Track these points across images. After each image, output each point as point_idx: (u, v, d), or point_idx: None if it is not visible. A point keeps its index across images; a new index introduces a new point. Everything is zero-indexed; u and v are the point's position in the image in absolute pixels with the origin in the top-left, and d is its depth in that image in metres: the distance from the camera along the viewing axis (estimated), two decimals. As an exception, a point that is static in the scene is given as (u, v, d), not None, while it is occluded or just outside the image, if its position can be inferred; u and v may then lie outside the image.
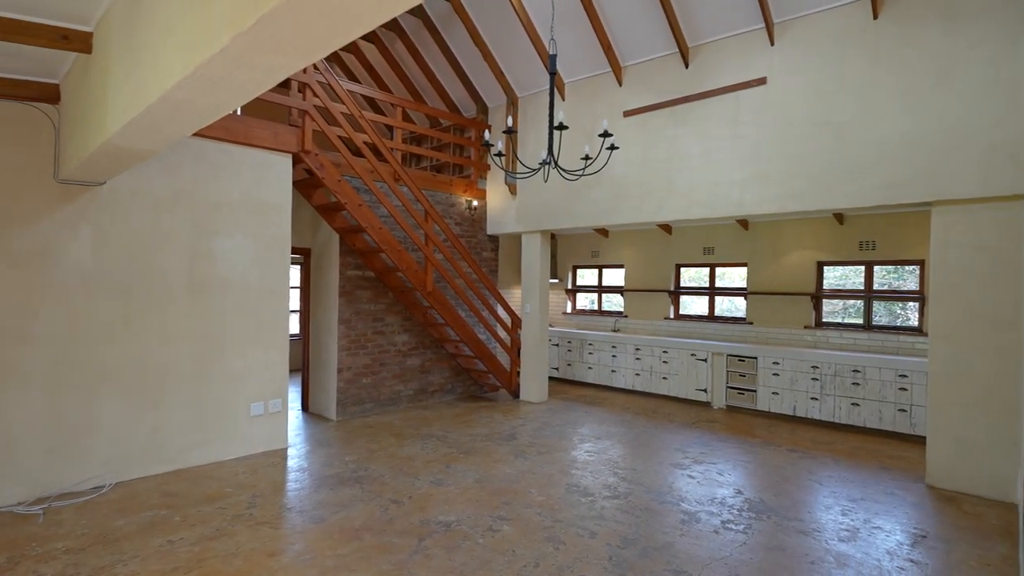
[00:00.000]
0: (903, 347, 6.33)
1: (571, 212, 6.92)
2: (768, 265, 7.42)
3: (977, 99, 4.28)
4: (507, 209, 7.70)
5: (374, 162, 5.81)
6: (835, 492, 4.34)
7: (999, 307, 4.22)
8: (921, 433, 5.68)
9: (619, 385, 8.17)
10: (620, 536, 3.52)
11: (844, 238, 6.81)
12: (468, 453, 5.16)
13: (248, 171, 5.03)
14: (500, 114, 7.81)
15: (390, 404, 6.80)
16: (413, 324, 7.02)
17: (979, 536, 3.58)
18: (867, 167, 4.76)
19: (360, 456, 5.02)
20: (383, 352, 6.72)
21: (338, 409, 6.28)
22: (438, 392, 7.36)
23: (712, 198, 5.72)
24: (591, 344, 8.51)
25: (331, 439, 5.56)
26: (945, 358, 4.47)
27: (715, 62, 5.73)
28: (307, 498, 4.07)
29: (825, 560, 3.25)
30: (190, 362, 4.65)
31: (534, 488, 4.32)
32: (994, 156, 4.20)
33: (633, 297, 8.81)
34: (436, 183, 7.36)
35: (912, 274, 6.56)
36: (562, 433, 5.92)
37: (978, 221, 4.33)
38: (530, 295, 7.45)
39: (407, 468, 4.72)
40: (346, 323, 6.34)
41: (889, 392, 5.92)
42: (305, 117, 5.36)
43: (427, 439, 5.59)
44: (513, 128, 4.15)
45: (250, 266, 5.02)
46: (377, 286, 6.64)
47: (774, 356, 6.72)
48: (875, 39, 4.76)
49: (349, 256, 6.37)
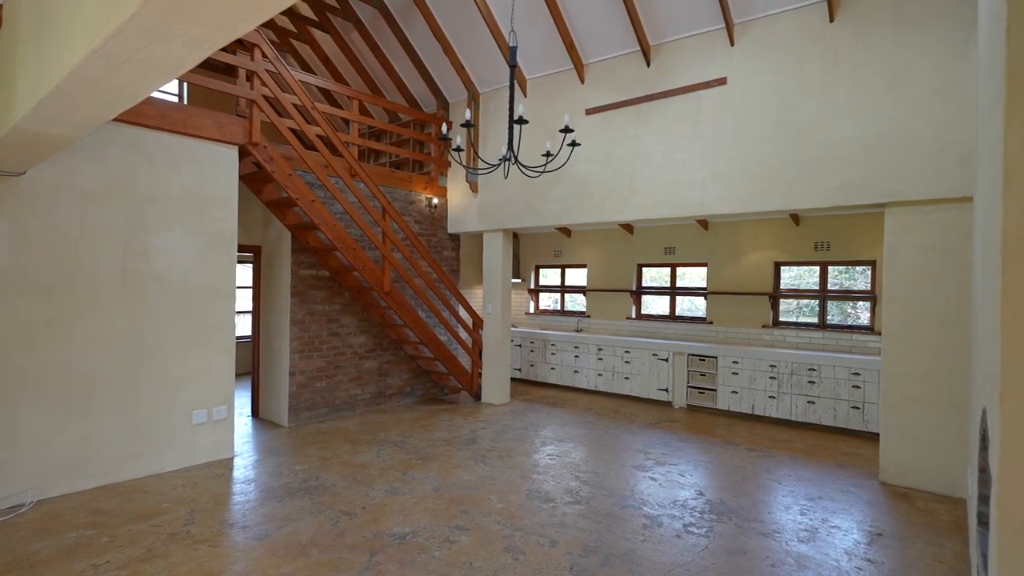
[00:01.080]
0: (856, 345, 6.47)
1: (534, 211, 6.81)
2: (728, 265, 7.49)
3: (927, 103, 4.37)
4: (468, 207, 7.54)
5: (328, 156, 5.56)
6: (793, 491, 4.36)
7: (949, 307, 4.32)
8: (873, 430, 5.81)
9: (582, 385, 8.12)
10: (581, 544, 3.41)
11: (800, 239, 6.93)
12: (426, 459, 4.98)
13: (190, 163, 4.71)
14: (461, 110, 7.63)
15: (346, 408, 6.54)
16: (371, 325, 6.78)
17: (932, 533, 3.63)
18: (825, 168, 4.81)
19: (312, 465, 4.78)
20: (339, 354, 6.45)
21: (290, 415, 5.99)
22: (397, 395, 7.13)
23: (674, 198, 5.70)
24: (554, 344, 8.43)
25: (282, 447, 5.28)
26: (898, 357, 4.55)
27: (676, 61, 5.72)
28: (252, 512, 3.81)
29: (785, 562, 3.22)
30: (123, 368, 4.32)
31: (494, 495, 4.18)
32: (944, 159, 4.29)
33: (596, 297, 8.78)
34: (395, 180, 7.13)
35: (862, 274, 6.72)
36: (524, 436, 5.80)
37: (929, 222, 4.42)
38: (492, 295, 7.31)
39: (361, 477, 4.51)
40: (299, 324, 6.05)
41: (843, 390, 6.04)
42: (253, 107, 5.07)
43: (384, 445, 5.38)
44: (472, 122, 3.99)
45: (191, 264, 4.71)
46: (332, 286, 6.38)
47: (734, 355, 6.77)
48: (832, 42, 4.81)
49: (302, 254, 6.09)
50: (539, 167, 4.58)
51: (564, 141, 4.05)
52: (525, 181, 6.83)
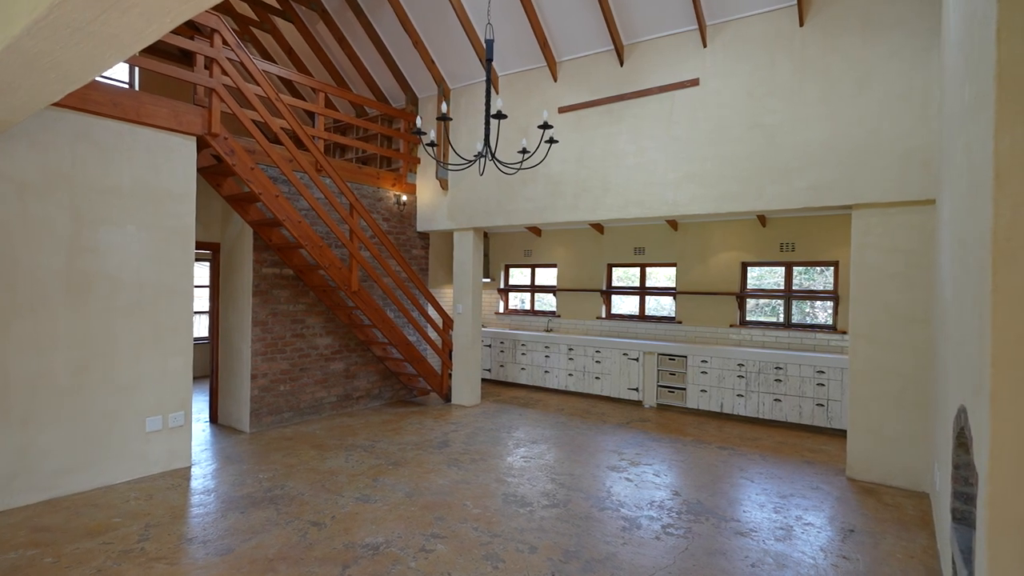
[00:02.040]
0: (819, 344, 6.63)
1: (505, 210, 6.72)
2: (696, 265, 7.57)
3: (893, 107, 4.48)
4: (438, 205, 7.38)
5: (293, 150, 5.33)
6: (766, 489, 4.40)
7: (913, 306, 4.44)
8: (836, 427, 5.95)
9: (552, 386, 8.07)
10: (561, 549, 3.34)
11: (766, 240, 7.06)
12: (397, 464, 4.82)
13: (143, 154, 4.42)
14: (431, 105, 7.48)
15: (311, 413, 6.30)
16: (337, 326, 6.55)
17: (901, 528, 3.71)
18: (795, 170, 4.89)
19: (276, 472, 4.55)
20: (303, 356, 6.21)
21: (252, 420, 5.72)
22: (364, 398, 6.92)
23: (647, 198, 5.70)
24: (524, 345, 8.35)
25: (243, 454, 5.03)
26: (865, 356, 4.65)
27: (650, 61, 5.72)
28: (213, 525, 3.59)
29: (764, 562, 3.23)
30: (68, 372, 4.01)
31: (469, 500, 4.06)
32: (909, 162, 4.41)
33: (566, 297, 8.75)
34: (362, 176, 6.91)
35: (820, 274, 6.89)
36: (496, 438, 5.70)
37: (894, 224, 4.54)
38: (462, 295, 7.18)
39: (330, 484, 4.32)
40: (262, 325, 5.79)
41: (808, 388, 6.17)
42: (212, 96, 4.80)
43: (352, 450, 5.19)
44: (447, 115, 3.87)
45: (145, 262, 4.42)
46: (297, 285, 6.13)
47: (703, 355, 6.84)
48: (801, 45, 4.89)
49: (265, 252, 5.83)
50: (515, 164, 4.49)
51: (543, 137, 3.97)
52: (497, 179, 6.73)
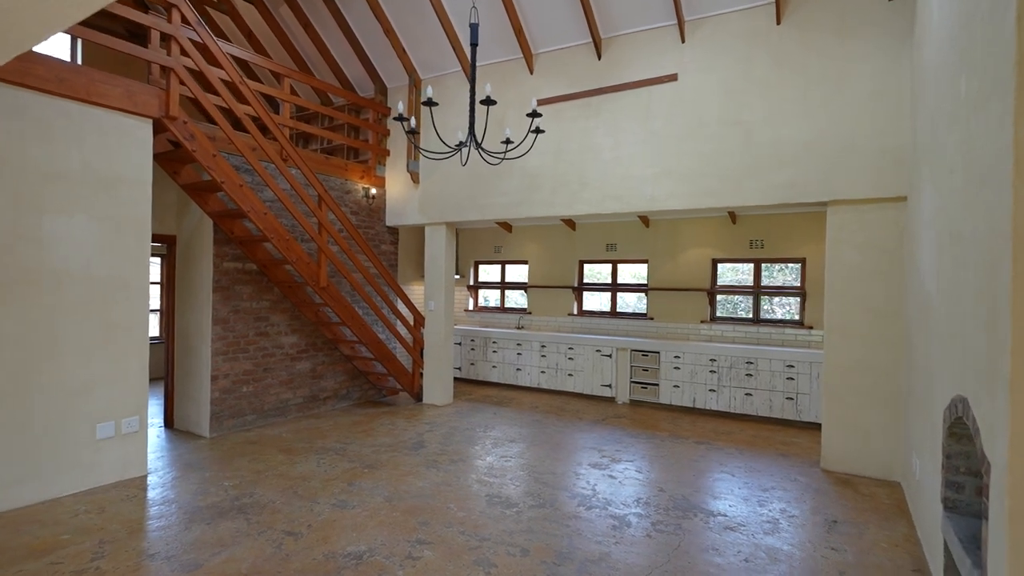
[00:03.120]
0: (788, 339, 6.78)
1: (479, 204, 6.56)
2: (667, 262, 7.62)
3: (867, 106, 4.58)
4: (409, 199, 7.16)
5: (260, 138, 5.02)
6: (747, 483, 4.43)
7: (886, 301, 4.56)
8: (806, 419, 6.09)
9: (524, 383, 7.98)
10: (553, 551, 3.24)
11: (736, 237, 7.17)
12: (373, 467, 4.61)
13: (93, 136, 4.05)
14: (401, 96, 7.24)
15: (276, 415, 5.98)
16: (303, 323, 6.25)
17: (880, 517, 3.79)
18: (772, 166, 4.94)
19: (243, 479, 4.27)
20: (268, 356, 5.89)
21: (212, 423, 5.38)
22: (332, 399, 6.64)
23: (624, 192, 5.67)
24: (495, 342, 8.22)
25: (205, 460, 4.70)
26: (839, 350, 4.75)
27: (627, 55, 5.69)
28: (176, 539, 3.31)
29: (757, 557, 3.22)
30: (7, 376, 3.62)
31: (452, 503, 3.91)
32: (882, 160, 4.52)
33: (537, 293, 8.67)
34: (329, 167, 6.62)
35: (781, 271, 7.04)
36: (473, 438, 5.55)
37: (868, 221, 4.65)
38: (434, 291, 6.99)
39: (302, 490, 4.08)
40: (223, 323, 5.45)
41: (778, 382, 6.29)
42: (170, 76, 4.46)
43: (323, 453, 4.94)
44: (433, 100, 3.70)
45: (96, 254, 4.06)
46: (260, 280, 5.80)
47: (675, 350, 6.89)
48: (779, 44, 4.94)
49: (226, 246, 5.48)
50: (499, 153, 4.36)
51: (531, 126, 3.86)
52: (471, 173, 6.57)
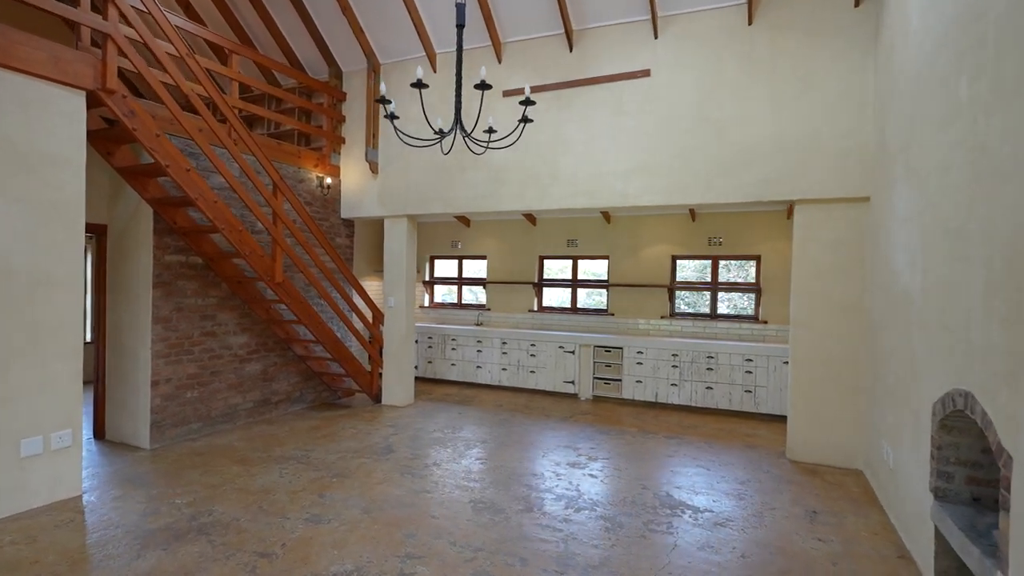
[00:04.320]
0: (744, 334, 6.99)
1: (444, 197, 6.31)
2: (628, 258, 7.67)
3: (834, 108, 4.74)
4: (367, 190, 6.79)
5: (210, 120, 4.55)
6: (723, 476, 4.49)
7: (850, 297, 4.75)
8: (764, 411, 6.30)
9: (485, 381, 7.81)
10: (552, 558, 3.11)
11: (696, 234, 7.31)
12: (342, 476, 4.31)
13: (15, 108, 3.50)
14: (357, 80, 6.85)
15: (225, 421, 5.50)
16: (253, 322, 5.78)
17: (854, 506, 3.93)
18: (743, 164, 5.02)
19: (198, 495, 3.85)
20: (215, 358, 5.39)
21: (153, 434, 4.86)
22: (284, 402, 6.19)
23: (596, 188, 5.61)
24: (454, 339, 8.00)
25: (148, 475, 4.22)
26: (805, 343, 4.91)
27: (600, 49, 5.62)
28: (129, 569, 2.91)
29: (753, 552, 3.23)
30: (-91, 387, 3.06)
31: (436, 511, 3.70)
32: (847, 161, 4.69)
33: (496, 289, 8.51)
34: (281, 153, 6.15)
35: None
36: (443, 440, 5.33)
37: (833, 219, 4.81)
38: (394, 287, 6.67)
39: (269, 505, 3.73)
40: (164, 322, 4.92)
41: (738, 376, 6.47)
42: (107, 44, 3.93)
43: (284, 463, 4.57)
44: (423, 83, 3.44)
45: (17, 243, 3.51)
46: (206, 275, 5.30)
47: (638, 346, 6.94)
48: (750, 44, 5.03)
49: (167, 237, 4.96)
50: (483, 143, 4.16)
51: (524, 113, 3.68)
52: (434, 164, 6.31)
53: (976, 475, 2.76)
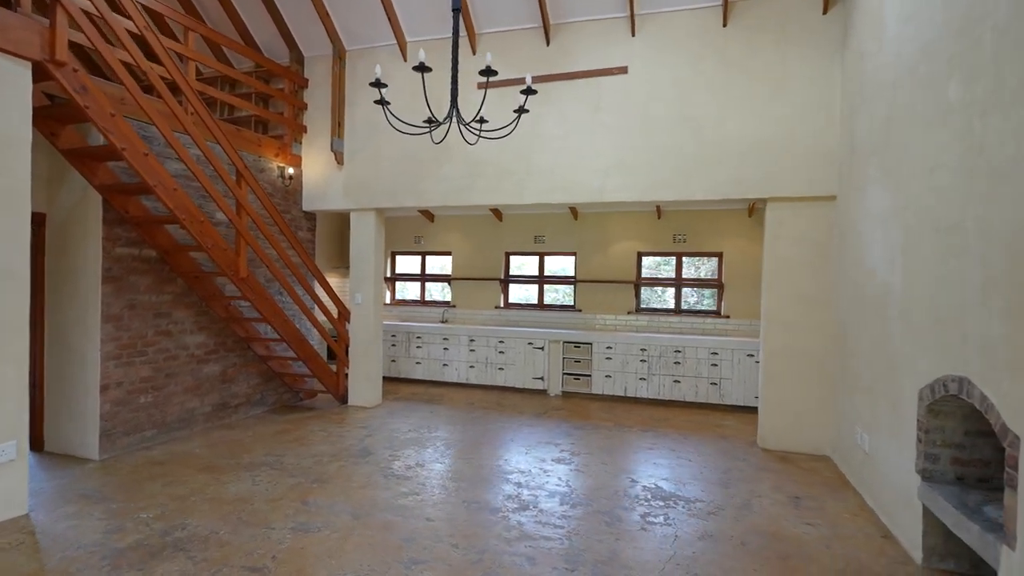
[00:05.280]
0: (708, 328, 7.21)
1: (416, 190, 6.13)
2: (595, 255, 7.74)
3: (804, 110, 4.94)
4: (331, 182, 6.49)
5: (172, 103, 4.19)
6: (705, 466, 4.59)
7: (819, 291, 4.97)
8: (729, 403, 6.52)
9: (452, 380, 7.67)
10: (560, 555, 3.06)
11: (661, 231, 7.47)
12: (322, 481, 4.08)
13: (-54, 77, 3.08)
14: (321, 66, 6.52)
15: (181, 427, 5.10)
16: (212, 320, 5.39)
17: (830, 490, 4.11)
18: (718, 163, 5.15)
19: (166, 509, 3.54)
20: (170, 359, 4.99)
21: (103, 443, 4.43)
22: (244, 405, 5.82)
23: (574, 184, 5.61)
24: (420, 337, 7.80)
25: (104, 489, 3.84)
26: (777, 337, 5.10)
27: (577, 44, 5.61)
28: (100, 593, 2.62)
29: (750, 540, 3.30)
30: None
31: (430, 513, 3.56)
32: (817, 161, 4.90)
33: (462, 286, 8.37)
34: (241, 141, 5.77)
35: (705, 264, 7.51)
36: (420, 440, 5.17)
37: (803, 217, 5.02)
38: (362, 283, 6.42)
39: (248, 515, 3.47)
40: (115, 321, 4.50)
41: (704, 369, 6.66)
42: (56, 10, 3.53)
43: (256, 469, 4.28)
44: (427, 66, 3.28)
45: (-48, 233, 3.09)
46: (161, 270, 4.89)
47: (607, 341, 7.01)
48: (725, 45, 5.16)
49: (118, 227, 4.53)
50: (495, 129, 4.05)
51: (524, 104, 3.59)
52: (405, 156, 6.11)
53: (960, 456, 2.94)
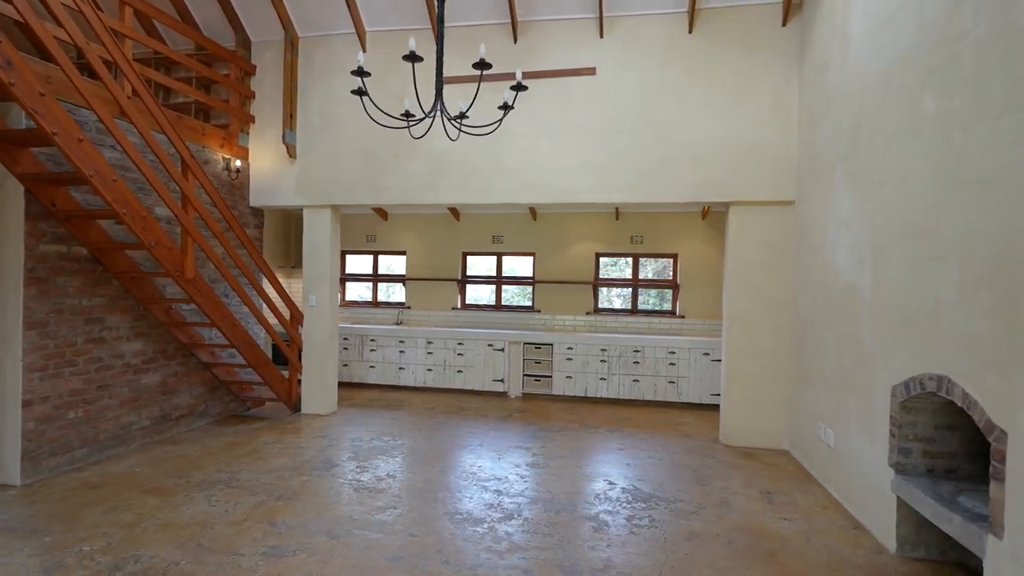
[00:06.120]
0: (664, 327, 7.37)
1: (376, 187, 5.86)
2: (554, 255, 7.73)
3: (764, 118, 5.12)
4: (283, 176, 6.09)
5: (112, 86, 3.75)
6: (675, 464, 4.66)
7: (779, 292, 5.17)
8: (686, 400, 6.69)
9: (409, 383, 7.42)
10: (556, 566, 2.97)
11: (619, 232, 7.56)
12: (288, 498, 3.79)
13: None
14: (271, 54, 6.10)
15: (117, 444, 4.61)
16: (150, 325, 4.91)
17: (797, 484, 4.28)
18: (685, 166, 5.25)
19: (112, 539, 3.15)
20: (104, 369, 4.49)
21: (26, 466, 3.91)
22: (187, 417, 5.35)
23: (542, 184, 5.55)
24: (374, 340, 7.50)
25: (32, 519, 3.38)
26: (739, 336, 5.27)
27: (546, 43, 5.55)
28: (46, 644, 2.27)
29: (735, 537, 3.36)
30: None
31: (413, 529, 3.38)
32: (777, 167, 5.09)
33: (417, 286, 8.13)
34: (183, 129, 5.28)
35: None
36: (385, 449, 4.94)
37: (763, 221, 5.21)
38: (316, 284, 6.07)
39: (210, 541, 3.16)
40: (40, 327, 3.98)
41: (662, 368, 6.80)
42: (-26, -30, 3.06)
43: (210, 488, 3.92)
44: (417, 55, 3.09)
45: None
46: (93, 270, 4.39)
47: (568, 342, 7.01)
48: (690, 51, 5.26)
49: (43, 222, 4.02)
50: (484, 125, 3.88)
51: (514, 99, 3.47)
52: (365, 152, 5.84)
53: (930, 449, 3.12)
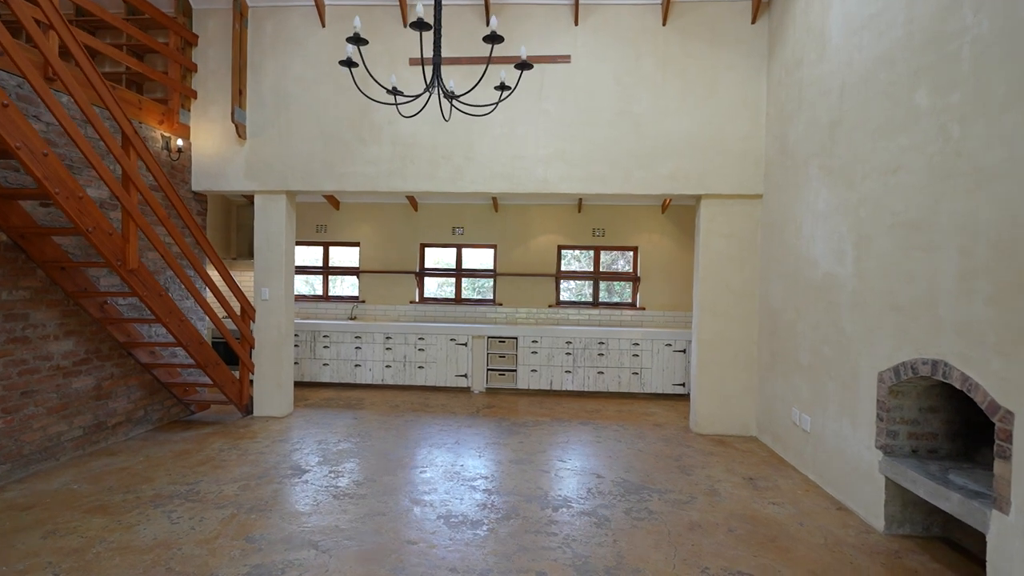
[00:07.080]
0: (625, 319, 7.44)
1: (338, 172, 5.48)
2: (516, 247, 7.61)
3: (734, 113, 5.23)
4: (230, 158, 5.57)
5: (48, 50, 3.23)
6: (656, 454, 4.68)
7: (745, 283, 5.31)
8: (650, 391, 6.79)
9: (366, 381, 7.06)
10: (569, 566, 2.86)
11: (581, 225, 7.55)
12: (260, 510, 3.44)
13: None
14: (216, 23, 5.55)
15: (45, 458, 4.03)
16: (82, 322, 4.33)
17: (774, 469, 4.40)
18: (658, 158, 5.28)
19: (57, 569, 2.71)
20: (27, 372, 3.90)
21: (-66, 490, 3.32)
22: (125, 424, 4.78)
23: (515, 172, 5.40)
24: (327, 336, 7.07)
25: (-51, 553, 2.86)
26: (708, 327, 5.37)
27: (520, 28, 5.39)
28: None
29: (730, 524, 3.38)
30: None
31: (410, 535, 3.16)
32: (745, 161, 5.22)
33: (372, 280, 7.75)
34: (119, 102, 4.68)
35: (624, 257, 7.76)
36: (356, 451, 4.64)
37: (731, 214, 5.33)
38: (270, 276, 5.61)
39: (180, 565, 2.79)
40: (-50, 326, 3.39)
41: (626, 359, 6.86)
42: None
43: (167, 503, 3.49)
44: (426, 22, 2.83)
45: None
46: (15, 259, 3.80)
47: (533, 335, 6.92)
48: (664, 44, 5.28)
49: (-47, 201, 3.42)
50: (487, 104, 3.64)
51: (519, 79, 3.27)
52: (324, 134, 5.45)
53: (915, 431, 3.26)
